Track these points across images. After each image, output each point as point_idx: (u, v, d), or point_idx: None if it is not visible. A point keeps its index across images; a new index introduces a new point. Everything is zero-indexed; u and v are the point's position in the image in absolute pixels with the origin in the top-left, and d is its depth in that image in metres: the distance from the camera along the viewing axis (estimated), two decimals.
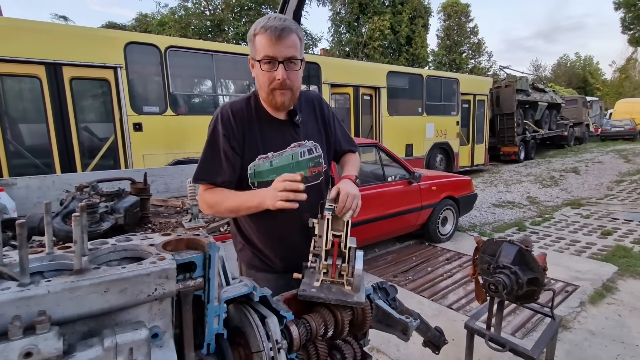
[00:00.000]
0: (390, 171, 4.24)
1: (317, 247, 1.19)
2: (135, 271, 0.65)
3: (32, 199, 2.75)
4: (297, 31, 1.19)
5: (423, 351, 2.06)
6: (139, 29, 16.16)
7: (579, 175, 9.62)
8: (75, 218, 0.63)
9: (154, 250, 0.76)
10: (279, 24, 1.13)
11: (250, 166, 1.27)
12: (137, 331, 0.62)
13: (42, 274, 0.69)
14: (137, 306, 0.67)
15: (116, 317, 0.66)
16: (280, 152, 1.29)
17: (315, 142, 1.35)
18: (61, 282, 0.58)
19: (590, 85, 40.40)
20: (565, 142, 16.63)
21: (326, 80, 6.88)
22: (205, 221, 2.57)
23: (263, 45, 1.15)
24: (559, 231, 5.05)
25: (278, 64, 1.16)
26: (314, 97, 1.44)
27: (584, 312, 2.83)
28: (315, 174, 1.35)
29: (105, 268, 0.65)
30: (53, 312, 0.56)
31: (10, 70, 4.17)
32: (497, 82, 12.48)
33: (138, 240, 0.82)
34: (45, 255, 0.70)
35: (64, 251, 0.72)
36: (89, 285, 0.60)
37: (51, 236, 0.70)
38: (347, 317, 1.12)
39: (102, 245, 0.77)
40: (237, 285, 0.92)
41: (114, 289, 0.62)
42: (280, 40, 1.13)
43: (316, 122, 1.39)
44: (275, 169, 1.28)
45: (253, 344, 0.88)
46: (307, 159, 1.32)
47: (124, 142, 4.85)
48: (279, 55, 1.14)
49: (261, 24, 1.15)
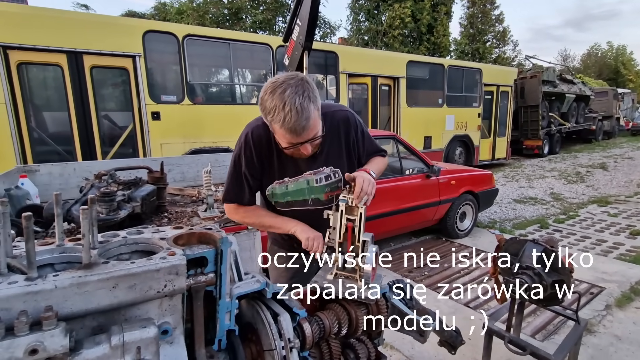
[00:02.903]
0: (408, 164, 4.14)
1: (331, 239, 1.18)
2: (144, 267, 0.62)
3: (54, 186, 2.82)
4: (315, 105, 1.13)
5: (438, 349, 2.01)
6: (157, 17, 16.30)
7: (607, 172, 9.20)
8: (84, 211, 0.61)
9: (165, 245, 0.74)
10: (298, 120, 1.09)
11: (269, 188, 1.39)
12: (145, 329, 0.60)
13: (53, 266, 0.68)
14: (146, 302, 0.65)
15: (126, 312, 0.64)
16: (296, 178, 1.37)
17: (335, 167, 1.39)
18: (69, 277, 0.56)
19: (623, 77, 38.31)
20: (593, 136, 15.91)
21: (344, 70, 6.76)
22: (221, 211, 2.58)
23: (284, 137, 1.17)
24: (584, 230, 4.84)
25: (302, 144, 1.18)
26: (340, 121, 1.38)
27: (609, 316, 2.70)
28: (331, 198, 1.40)
29: (114, 263, 0.63)
30: (60, 307, 0.55)
31: (33, 59, 4.27)
32: (522, 72, 11.96)
33: (149, 233, 0.80)
34: (55, 247, 0.68)
35: (75, 243, 0.71)
36: (97, 280, 0.58)
37: (61, 228, 0.68)
38: (362, 315, 1.09)
39: (112, 237, 0.76)
40: (249, 281, 0.89)
41: (123, 285, 0.60)
42: (302, 134, 1.14)
43: (340, 147, 1.40)
44: (289, 193, 1.38)
45: (265, 341, 0.86)
46: (324, 185, 1.38)
47: (142, 131, 4.92)
48: (302, 140, 1.17)
49: (278, 119, 1.09)
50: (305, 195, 1.38)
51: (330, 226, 1.18)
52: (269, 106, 1.12)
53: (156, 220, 2.45)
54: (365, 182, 1.15)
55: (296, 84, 1.11)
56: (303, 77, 1.16)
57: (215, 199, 2.81)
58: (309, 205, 1.40)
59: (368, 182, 1.16)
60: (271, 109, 1.11)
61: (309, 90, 1.12)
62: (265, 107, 1.13)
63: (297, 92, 1.09)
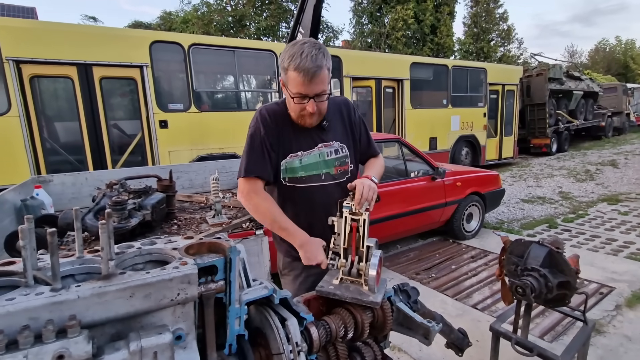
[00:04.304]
0: (413, 166, 4.15)
1: (336, 244, 1.22)
2: (158, 276, 0.66)
3: (67, 195, 2.90)
4: (327, 63, 1.27)
5: (445, 352, 2.02)
6: (163, 27, 16.56)
7: (617, 169, 9.06)
8: (102, 225, 0.66)
9: (177, 255, 0.78)
10: (312, 65, 1.21)
11: (283, 163, 1.41)
12: (161, 335, 0.64)
13: (74, 277, 0.73)
14: (161, 310, 0.69)
15: (141, 320, 0.68)
16: (309, 151, 1.42)
17: (342, 143, 1.47)
18: (90, 287, 0.61)
19: (632, 72, 37.66)
20: (603, 133, 15.67)
21: (347, 74, 6.80)
22: (228, 217, 2.63)
23: (296, 82, 1.25)
24: (593, 229, 4.79)
25: (309, 98, 1.27)
26: (341, 102, 1.53)
27: (620, 316, 2.68)
28: (341, 172, 1.47)
29: (131, 273, 0.67)
30: (83, 316, 0.59)
31: (45, 72, 4.40)
32: (527, 70, 11.87)
33: (162, 244, 0.84)
34: (75, 259, 0.73)
35: (93, 255, 0.75)
36: (115, 290, 0.62)
37: (81, 241, 0.73)
38: (367, 318, 1.11)
39: (128, 249, 0.80)
40: (257, 287, 0.93)
41: (139, 294, 0.64)
42: (313, 80, 1.24)
43: (343, 125, 1.50)
44: (304, 167, 1.42)
45: (273, 346, 0.89)
46: (334, 159, 1.45)
47: (150, 139, 5.01)
48: (310, 92, 1.26)
49: (294, 63, 1.22)
50: (319, 168, 1.42)
51: (335, 232, 1.21)
52: (287, 55, 1.24)
53: (166, 228, 2.51)
54: (365, 189, 1.20)
55: (314, 42, 1.27)
56: (321, 42, 1.31)
57: (223, 205, 2.86)
58: (321, 181, 1.44)
59: (368, 189, 1.21)
60: (290, 55, 1.23)
61: (325, 50, 1.27)
62: (284, 57, 1.26)
63: (314, 46, 1.24)
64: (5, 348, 0.51)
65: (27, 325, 0.54)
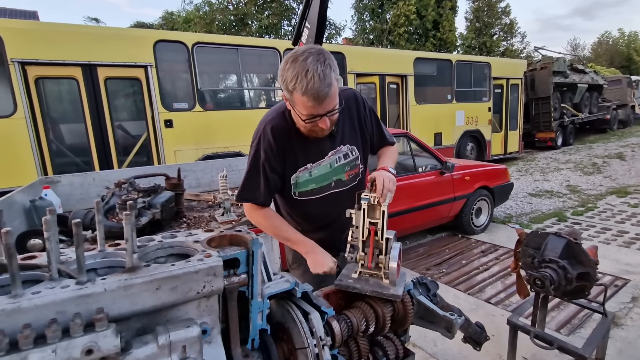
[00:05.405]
0: (421, 161, 4.12)
1: (354, 237, 1.19)
2: (184, 268, 0.65)
3: (75, 196, 2.90)
4: (335, 74, 1.12)
5: (461, 346, 2.00)
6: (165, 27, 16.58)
7: (624, 161, 8.96)
8: (126, 216, 0.64)
9: (200, 247, 0.76)
10: (321, 86, 1.07)
11: (292, 177, 1.35)
12: (189, 329, 0.62)
13: (96, 271, 0.71)
14: (186, 303, 0.67)
15: (167, 313, 0.66)
16: (319, 162, 1.35)
17: (351, 145, 1.39)
18: (116, 280, 0.59)
19: (636, 64, 37.30)
20: (608, 125, 15.49)
21: (351, 70, 6.76)
22: (237, 215, 2.61)
23: (305, 105, 1.13)
24: (604, 221, 4.73)
25: (321, 117, 1.16)
26: (349, 97, 1.38)
27: (637, 308, 2.64)
28: (352, 176, 1.41)
29: (156, 265, 0.65)
30: (109, 309, 0.57)
31: (50, 73, 4.39)
32: (531, 64, 11.76)
33: (183, 237, 0.82)
34: (97, 252, 0.71)
35: (114, 248, 0.74)
36: (141, 283, 0.60)
37: (102, 234, 0.71)
38: (388, 312, 1.09)
39: (149, 242, 0.78)
40: (279, 281, 0.91)
41: (165, 287, 0.62)
42: (324, 101, 1.11)
43: (352, 123, 1.40)
44: (314, 179, 1.36)
45: (297, 340, 0.87)
46: (344, 164, 1.39)
47: (156, 139, 5.01)
48: (322, 111, 1.15)
49: (301, 86, 1.07)
50: (330, 178, 1.37)
51: (353, 225, 1.19)
52: (290, 75, 1.09)
53: (175, 226, 2.49)
54: (386, 180, 1.16)
55: (317, 52, 1.10)
56: (322, 48, 1.15)
57: (232, 203, 2.84)
58: (332, 189, 1.39)
59: (389, 180, 1.17)
60: (293, 76, 1.08)
61: (330, 59, 1.12)
62: (286, 77, 1.10)
63: (318, 59, 1.08)
64: (33, 342, 0.49)
65: (54, 319, 0.52)
